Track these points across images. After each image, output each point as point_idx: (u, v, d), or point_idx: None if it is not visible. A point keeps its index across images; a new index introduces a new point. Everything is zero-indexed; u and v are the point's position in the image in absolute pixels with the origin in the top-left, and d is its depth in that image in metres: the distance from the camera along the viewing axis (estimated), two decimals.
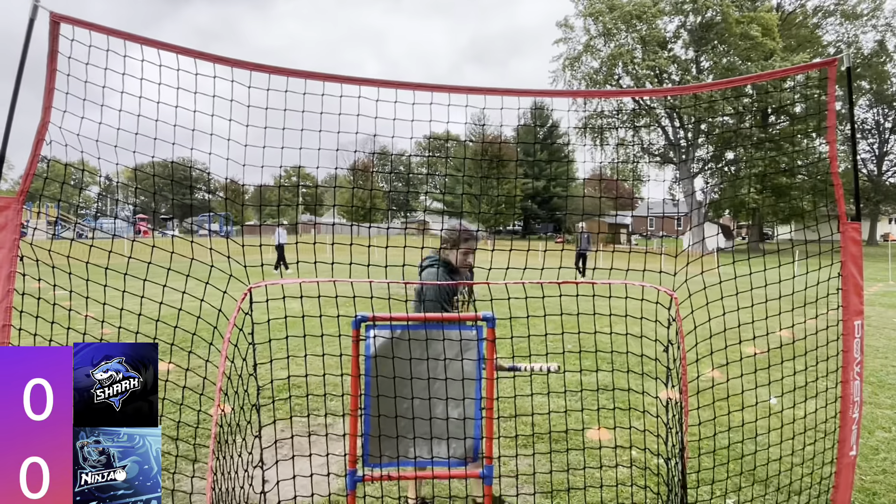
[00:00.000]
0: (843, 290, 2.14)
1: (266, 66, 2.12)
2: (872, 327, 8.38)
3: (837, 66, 2.12)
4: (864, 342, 2.18)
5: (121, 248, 2.79)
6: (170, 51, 2.07)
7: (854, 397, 2.16)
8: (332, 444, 3.34)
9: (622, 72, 34.36)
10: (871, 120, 43.17)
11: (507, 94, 2.21)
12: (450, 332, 2.38)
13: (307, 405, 3.41)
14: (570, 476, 3.16)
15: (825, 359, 2.52)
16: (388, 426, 2.36)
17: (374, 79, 2.17)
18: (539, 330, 5.99)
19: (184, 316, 2.48)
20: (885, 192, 42.19)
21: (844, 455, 2.19)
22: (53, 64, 1.96)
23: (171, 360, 2.71)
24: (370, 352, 2.36)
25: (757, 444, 3.41)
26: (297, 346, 4.99)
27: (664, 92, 2.40)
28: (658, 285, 2.39)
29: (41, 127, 1.94)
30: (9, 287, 1.90)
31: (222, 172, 2.51)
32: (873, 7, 34.79)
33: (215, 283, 2.39)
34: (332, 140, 2.42)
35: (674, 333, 2.23)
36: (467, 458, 2.44)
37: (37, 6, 1.88)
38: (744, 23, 30.57)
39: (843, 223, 2.15)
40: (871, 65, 36.84)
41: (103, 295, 2.30)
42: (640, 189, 34.50)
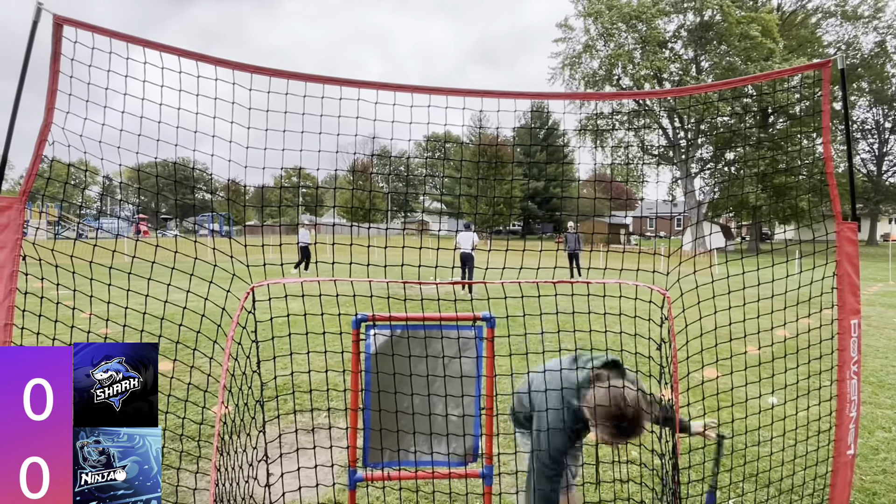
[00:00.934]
0: (839, 290, 2.16)
1: (267, 68, 2.13)
2: (872, 327, 8.38)
3: (832, 68, 2.13)
4: (861, 341, 2.19)
5: (123, 247, 2.79)
6: (171, 53, 2.08)
7: (851, 396, 2.17)
8: (335, 440, 3.35)
9: (621, 72, 34.39)
10: (870, 120, 43.22)
11: (504, 96, 2.22)
12: (449, 331, 2.39)
13: (310, 402, 3.42)
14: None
15: (820, 358, 2.53)
16: (388, 421, 2.37)
17: (372, 81, 2.18)
18: (536, 329, 5.98)
19: (188, 314, 2.49)
20: (884, 193, 42.20)
21: (842, 454, 2.20)
22: (56, 65, 1.97)
23: (175, 358, 2.72)
24: (370, 350, 2.38)
25: (751, 442, 3.42)
26: (299, 344, 5.00)
27: (663, 94, 2.41)
28: (651, 284, 2.41)
29: (44, 127, 1.96)
30: (11, 286, 1.92)
31: (223, 173, 2.53)
32: (875, 9, 34.83)
33: (218, 283, 2.41)
34: (332, 141, 2.44)
35: (666, 332, 2.25)
36: (467, 457, 2.45)
37: (40, 8, 1.89)
38: (744, 23, 30.61)
39: (839, 223, 2.16)
40: (871, 66, 36.87)
41: (107, 294, 2.32)
42: (640, 189, 34.51)
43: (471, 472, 2.45)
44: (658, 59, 32.23)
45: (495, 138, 30.06)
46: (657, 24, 32.70)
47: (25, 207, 1.97)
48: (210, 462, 3.09)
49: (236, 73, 2.17)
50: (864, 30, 36.09)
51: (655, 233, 40.35)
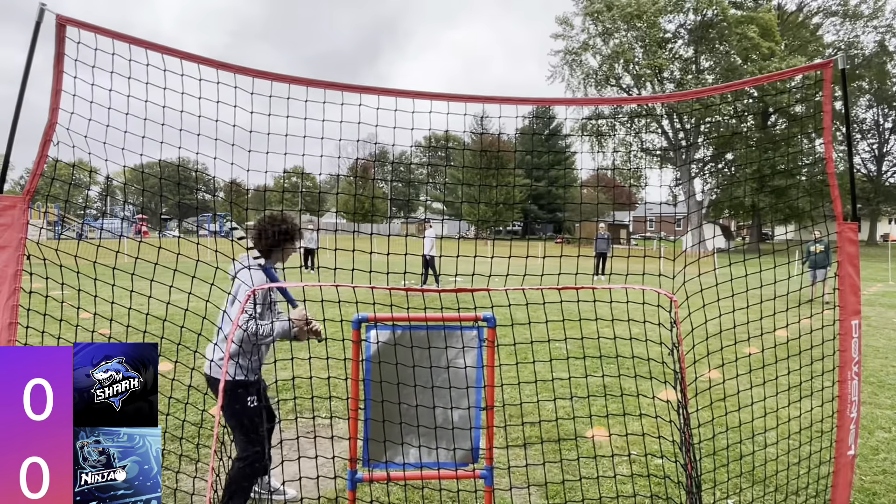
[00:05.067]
0: (840, 290, 2.15)
1: (269, 73, 2.14)
2: (872, 327, 8.37)
3: (833, 68, 2.13)
4: (861, 342, 2.18)
5: (124, 248, 2.80)
6: (173, 55, 2.08)
7: (852, 397, 2.17)
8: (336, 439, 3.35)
9: (622, 71, 34.39)
10: (870, 120, 43.22)
11: (505, 102, 2.22)
12: (451, 332, 2.39)
13: (311, 403, 3.42)
14: (566, 474, 3.16)
15: (822, 359, 2.53)
16: (389, 421, 2.37)
17: (373, 87, 2.19)
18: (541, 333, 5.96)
19: (189, 315, 2.49)
20: (884, 193, 42.17)
21: (842, 455, 2.20)
22: (60, 66, 1.97)
23: (176, 360, 2.71)
24: (371, 350, 2.37)
25: (756, 445, 3.41)
26: (300, 346, 5.00)
27: (665, 98, 2.41)
28: (658, 288, 2.41)
29: (48, 128, 1.96)
30: (15, 285, 1.92)
31: (223, 174, 2.53)
32: (874, 8, 34.85)
33: (220, 285, 2.41)
34: (333, 142, 2.44)
35: (675, 336, 2.25)
36: (472, 453, 2.44)
37: (43, 9, 1.90)
38: (743, 23, 30.63)
39: (840, 223, 2.16)
40: (871, 65, 36.88)
41: (110, 294, 2.32)
42: (639, 190, 34.49)
43: (470, 473, 2.45)
44: (659, 58, 32.23)
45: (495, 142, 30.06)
46: (658, 22, 32.69)
47: (29, 207, 1.97)
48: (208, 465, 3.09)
49: (237, 77, 2.18)
50: (863, 29, 36.13)
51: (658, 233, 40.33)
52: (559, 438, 3.62)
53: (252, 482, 2.52)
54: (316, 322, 2.57)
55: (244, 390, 2.45)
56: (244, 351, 2.42)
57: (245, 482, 2.47)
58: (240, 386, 2.44)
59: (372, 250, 2.79)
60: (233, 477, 2.48)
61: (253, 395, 2.47)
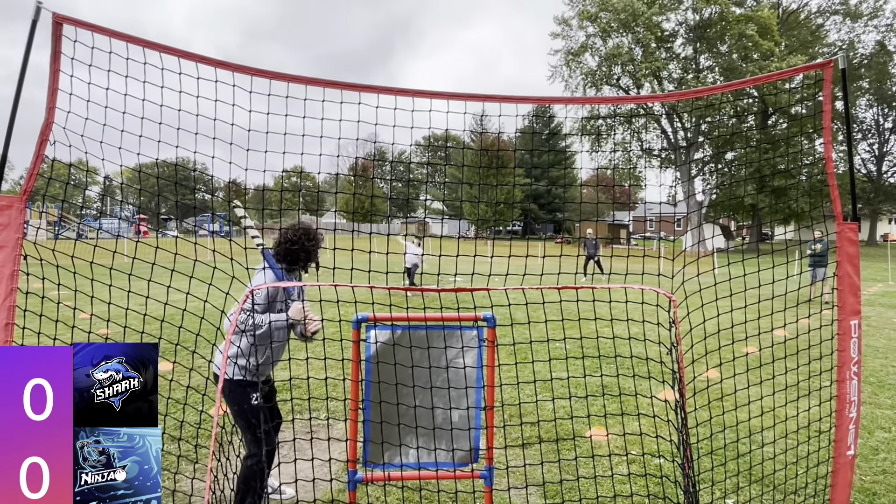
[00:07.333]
0: (839, 290, 2.15)
1: (268, 71, 2.13)
2: (872, 327, 8.38)
3: (833, 68, 2.13)
4: (861, 342, 2.19)
5: (122, 248, 2.79)
6: (170, 54, 2.08)
7: (851, 397, 2.17)
8: (333, 440, 3.35)
9: (621, 71, 34.38)
10: (870, 120, 43.22)
11: (504, 100, 2.22)
12: (450, 332, 2.39)
13: (308, 404, 3.42)
14: (565, 474, 3.16)
15: (820, 358, 2.53)
16: (388, 420, 2.37)
17: (374, 85, 2.18)
18: (540, 333, 5.97)
19: (187, 316, 2.49)
20: (884, 193, 42.17)
21: (842, 455, 2.20)
22: (56, 64, 1.97)
23: (175, 360, 2.71)
24: (370, 350, 2.37)
25: (754, 444, 3.42)
26: (298, 346, 5.00)
27: (663, 98, 2.41)
28: (657, 288, 2.41)
29: (45, 127, 1.95)
30: (12, 286, 1.91)
31: (222, 174, 2.53)
32: (875, 7, 34.85)
33: (218, 284, 2.40)
34: (333, 140, 2.44)
35: (674, 336, 2.25)
36: (471, 454, 2.44)
37: (39, 7, 1.89)
38: (742, 21, 30.62)
39: (840, 223, 2.16)
40: (872, 65, 36.87)
41: (107, 294, 2.32)
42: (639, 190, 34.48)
43: (469, 473, 2.45)
44: (657, 60, 32.23)
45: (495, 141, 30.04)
46: (656, 22, 32.66)
47: (26, 207, 1.97)
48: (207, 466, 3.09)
49: (236, 76, 2.17)
50: (864, 29, 36.13)
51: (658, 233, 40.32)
52: (558, 438, 3.62)
53: (262, 480, 2.52)
54: (314, 319, 2.57)
55: (249, 388, 2.46)
56: (248, 351, 2.43)
57: (254, 481, 2.48)
58: (244, 385, 2.45)
59: (371, 250, 2.78)
60: (242, 476, 2.48)
61: (257, 394, 2.48)
